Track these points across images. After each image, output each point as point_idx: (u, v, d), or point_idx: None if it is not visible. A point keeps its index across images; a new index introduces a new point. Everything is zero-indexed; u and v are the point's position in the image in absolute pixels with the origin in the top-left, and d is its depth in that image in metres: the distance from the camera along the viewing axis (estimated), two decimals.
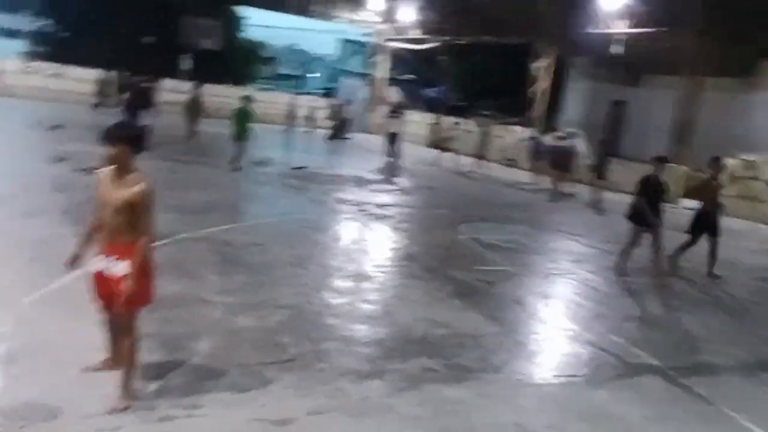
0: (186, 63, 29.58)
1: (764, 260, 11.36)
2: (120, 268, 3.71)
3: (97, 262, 3.81)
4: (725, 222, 13.46)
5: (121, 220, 3.69)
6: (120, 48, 29.75)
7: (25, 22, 39.67)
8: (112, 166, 3.73)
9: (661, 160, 8.44)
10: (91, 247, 3.88)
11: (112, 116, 13.83)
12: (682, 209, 16.62)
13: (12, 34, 43.64)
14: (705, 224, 8.83)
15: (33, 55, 33.02)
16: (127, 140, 3.71)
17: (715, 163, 9.24)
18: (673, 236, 10.15)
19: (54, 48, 33.51)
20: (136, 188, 3.68)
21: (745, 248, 11.79)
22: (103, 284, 3.82)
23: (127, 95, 16.55)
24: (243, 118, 13.96)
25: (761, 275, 9.92)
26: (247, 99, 14.25)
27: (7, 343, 4.30)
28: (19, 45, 38.17)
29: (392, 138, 19.89)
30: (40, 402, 3.65)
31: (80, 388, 3.85)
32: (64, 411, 3.59)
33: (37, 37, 35.94)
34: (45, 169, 10.81)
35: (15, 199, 8.55)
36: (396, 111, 20.98)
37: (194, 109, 16.27)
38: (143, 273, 3.76)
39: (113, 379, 3.83)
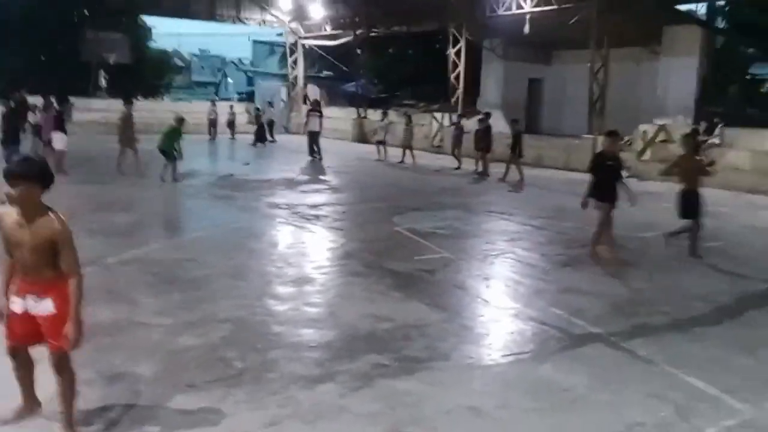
0: (101, 79, 28.60)
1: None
2: (46, 306, 3.49)
3: (17, 303, 3.54)
4: (644, 185, 14.09)
5: (40, 259, 3.43)
6: (20, 69, 28.37)
7: None
8: (18, 207, 3.38)
9: (611, 134, 8.21)
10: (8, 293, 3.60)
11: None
12: None
13: None
14: (690, 204, 8.31)
15: None
16: (31, 177, 3.35)
17: (690, 138, 9.18)
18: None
19: None
20: (53, 227, 3.42)
21: (665, 209, 12.31)
22: (25, 324, 3.56)
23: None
24: (173, 135, 13.72)
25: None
26: (180, 121, 13.95)
27: None
28: None
29: (313, 136, 19.80)
30: None
31: (19, 428, 3.65)
32: None
33: None
34: None
35: None
36: (314, 109, 20.89)
37: (127, 128, 14.91)
38: (65, 312, 3.51)
39: (34, 425, 3.64)
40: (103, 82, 29.72)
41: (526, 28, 20.39)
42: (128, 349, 4.86)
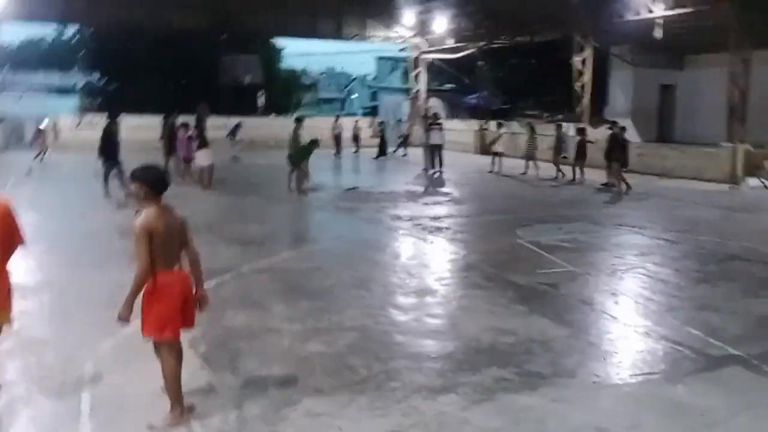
0: (261, 100, 30.55)
1: None
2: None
3: None
4: None
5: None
6: (163, 94, 30.78)
7: (75, 78, 41.49)
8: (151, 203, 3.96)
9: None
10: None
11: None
12: (747, 189, 16.14)
13: (64, 91, 45.69)
14: None
15: (85, 109, 34.48)
16: (145, 179, 3.97)
17: None
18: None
19: (103, 100, 35.01)
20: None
21: None
22: (186, 305, 4.11)
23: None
24: (305, 153, 14.56)
25: None
26: (314, 143, 14.76)
27: (89, 389, 4.47)
28: (72, 101, 39.93)
29: (434, 150, 19.78)
30: None
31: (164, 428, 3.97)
32: None
33: (87, 91, 37.61)
34: (110, 216, 11.22)
35: (85, 248, 8.91)
36: (434, 123, 20.84)
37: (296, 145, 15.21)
38: (147, 302, 3.92)
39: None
40: (261, 102, 31.79)
41: (658, 33, 19.45)
42: (261, 354, 5.15)
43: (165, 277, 3.93)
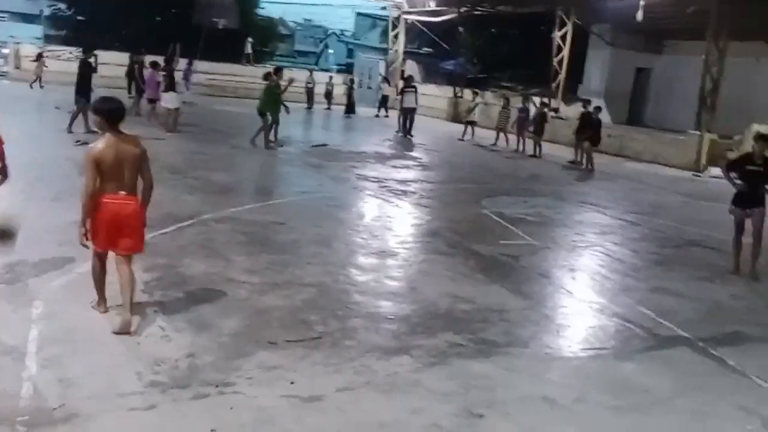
0: (248, 47, 29.93)
1: None
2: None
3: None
4: None
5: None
6: (135, 30, 29.82)
7: (41, 6, 39.91)
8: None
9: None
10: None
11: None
12: (708, 178, 16.46)
13: (29, 18, 44.00)
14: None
15: (49, 39, 33.24)
16: (101, 110, 4.44)
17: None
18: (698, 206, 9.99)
19: (70, 31, 33.75)
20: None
21: None
22: (111, 222, 4.41)
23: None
24: (271, 96, 14.00)
25: None
26: (268, 76, 14.24)
27: (38, 325, 4.37)
28: (36, 29, 38.42)
29: (407, 113, 19.73)
30: (74, 382, 3.71)
31: (114, 369, 3.92)
32: (99, 391, 3.65)
33: (53, 20, 36.17)
34: (69, 152, 10.91)
35: (41, 182, 8.66)
36: (409, 85, 20.77)
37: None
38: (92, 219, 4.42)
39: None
40: (249, 49, 31.10)
41: (640, 15, 19.44)
42: (217, 303, 5.10)
43: (105, 199, 4.38)
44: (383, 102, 26.49)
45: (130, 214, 4.46)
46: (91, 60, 13.98)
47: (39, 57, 22.95)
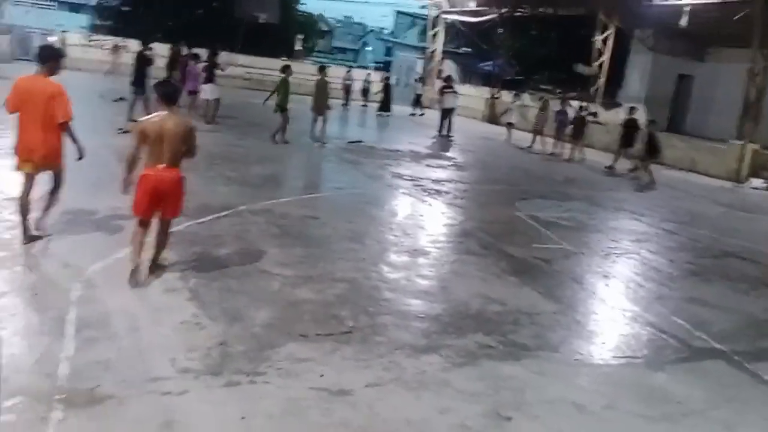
0: (299, 44, 30.19)
1: None
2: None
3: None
4: None
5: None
6: (178, 22, 30.25)
7: None
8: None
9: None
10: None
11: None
12: (749, 189, 16.11)
13: (75, 7, 44.95)
14: None
15: (95, 29, 33.92)
16: (156, 91, 5.17)
17: None
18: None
19: (115, 22, 34.40)
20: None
21: None
22: (152, 192, 4.97)
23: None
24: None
25: None
26: (285, 69, 14.33)
27: (76, 308, 4.48)
28: (82, 19, 39.24)
29: (447, 113, 19.69)
30: (111, 365, 3.80)
31: (149, 354, 4.00)
32: (133, 375, 3.74)
33: (99, 11, 36.90)
34: (110, 141, 11.13)
35: (81, 169, 8.81)
36: (448, 85, 20.70)
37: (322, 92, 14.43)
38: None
39: (180, 341, 3.97)
40: (299, 45, 31.40)
41: (684, 21, 19.11)
42: (250, 294, 5.16)
43: (146, 172, 4.98)
44: (417, 101, 26.51)
45: (169, 184, 5.05)
46: (148, 53, 14.22)
47: (116, 48, 23.71)
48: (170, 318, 4.52)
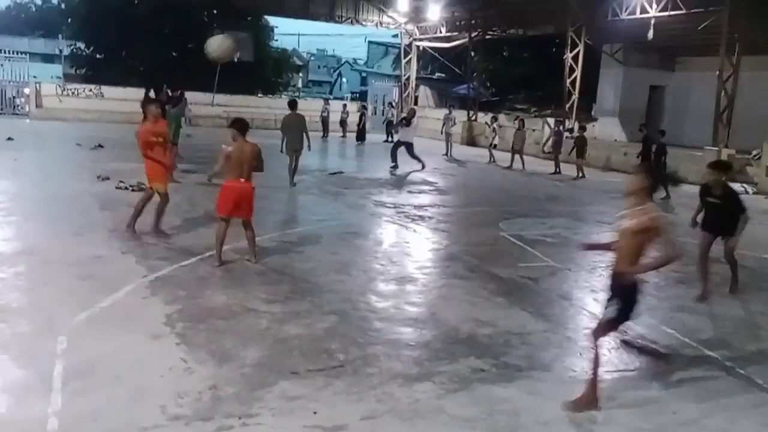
0: (296, 79, 30.10)
1: None
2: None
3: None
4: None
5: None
6: (152, 66, 30.36)
7: (60, 46, 40.85)
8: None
9: (716, 167, 7.09)
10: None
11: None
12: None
13: (48, 58, 45.00)
14: None
15: (69, 78, 33.93)
16: (233, 125, 7.05)
17: None
18: None
19: (89, 69, 34.43)
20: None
21: None
22: (235, 199, 6.90)
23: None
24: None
25: None
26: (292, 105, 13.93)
27: (64, 360, 4.41)
28: (56, 69, 39.25)
29: (402, 145, 18.58)
30: (99, 416, 3.73)
31: (138, 402, 3.94)
32: (123, 425, 3.67)
33: (72, 59, 36.93)
34: (90, 188, 11.08)
35: (63, 218, 8.79)
36: (407, 120, 19.47)
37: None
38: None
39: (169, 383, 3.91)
40: (297, 83, 31.40)
41: (650, 34, 19.52)
42: (239, 334, 5.11)
43: (228, 183, 6.91)
44: (388, 127, 26.71)
45: (246, 192, 6.95)
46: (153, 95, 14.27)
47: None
48: (158, 364, 4.46)
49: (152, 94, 16.62)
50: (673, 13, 18.66)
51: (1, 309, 5.30)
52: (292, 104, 13.95)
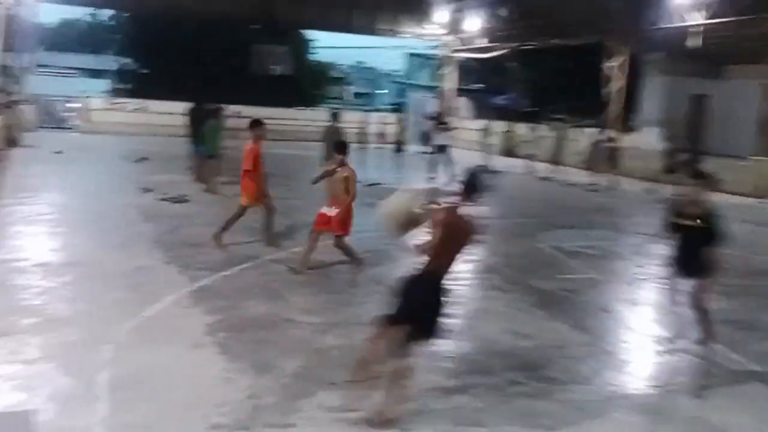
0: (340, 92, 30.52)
1: None
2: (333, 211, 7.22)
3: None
4: None
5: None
6: (196, 81, 31.02)
7: (107, 62, 42.07)
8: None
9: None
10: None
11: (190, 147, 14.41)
12: None
13: (96, 73, 46.36)
14: None
15: (116, 93, 34.90)
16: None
17: None
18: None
19: (135, 84, 35.39)
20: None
21: None
22: (326, 223, 7.23)
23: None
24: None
25: None
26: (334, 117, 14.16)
27: (109, 370, 4.53)
28: (103, 84, 40.43)
29: (440, 149, 18.98)
30: (144, 426, 3.83)
31: (181, 411, 4.02)
32: None
33: (119, 75, 38.01)
34: (134, 200, 11.36)
35: (109, 230, 9.03)
36: (442, 122, 20.06)
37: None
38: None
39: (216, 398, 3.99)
40: (345, 95, 31.87)
41: (694, 41, 19.16)
42: (279, 344, 5.19)
43: (322, 210, 7.45)
44: (425, 138, 26.71)
45: (333, 216, 7.21)
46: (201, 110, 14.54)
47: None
48: (201, 373, 4.55)
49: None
50: (719, 20, 18.29)
51: (48, 318, 5.47)
52: (335, 116, 14.17)
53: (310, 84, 38.56)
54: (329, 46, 42.45)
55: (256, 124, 8.54)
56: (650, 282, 7.90)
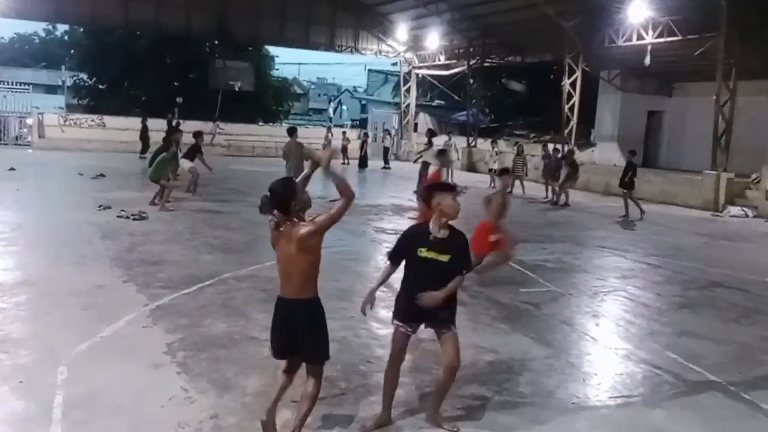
0: (296, 107, 30.41)
1: None
2: None
3: None
4: None
5: None
6: (153, 96, 30.67)
7: (63, 77, 41.29)
8: None
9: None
10: None
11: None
12: (728, 217, 16.34)
13: (51, 89, 45.43)
14: None
15: (72, 108, 34.26)
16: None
17: None
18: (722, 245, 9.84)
19: (91, 100, 34.79)
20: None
21: None
22: None
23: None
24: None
25: None
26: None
27: (65, 391, 4.39)
28: (59, 99, 39.64)
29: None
30: None
31: None
32: None
33: (74, 90, 37.34)
34: (91, 217, 11.11)
35: (65, 247, 8.80)
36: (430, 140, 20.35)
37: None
38: None
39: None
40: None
41: (647, 60, 19.72)
42: (240, 363, 5.09)
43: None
44: (385, 154, 27.00)
45: None
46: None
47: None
48: (159, 393, 4.44)
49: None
50: (669, 39, 18.86)
51: (1, 339, 5.28)
52: (291, 131, 13.90)
53: (272, 100, 38.46)
54: (291, 62, 42.44)
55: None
56: (610, 294, 8.02)
